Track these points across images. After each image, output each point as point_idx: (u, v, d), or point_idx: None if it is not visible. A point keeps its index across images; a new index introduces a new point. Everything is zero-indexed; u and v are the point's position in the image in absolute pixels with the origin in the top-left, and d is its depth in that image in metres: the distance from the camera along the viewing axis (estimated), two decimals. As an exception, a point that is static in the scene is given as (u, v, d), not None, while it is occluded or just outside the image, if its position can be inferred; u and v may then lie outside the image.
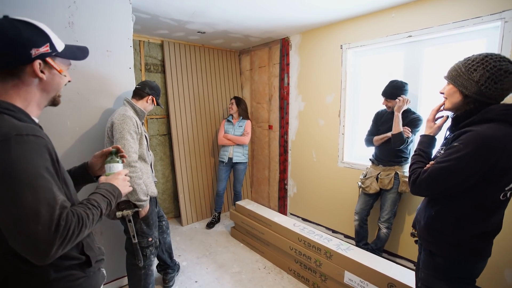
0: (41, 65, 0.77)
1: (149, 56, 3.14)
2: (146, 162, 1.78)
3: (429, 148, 1.24)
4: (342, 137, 2.78)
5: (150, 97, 1.85)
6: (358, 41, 2.55)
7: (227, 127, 3.25)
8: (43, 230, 0.63)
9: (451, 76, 1.12)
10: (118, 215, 1.63)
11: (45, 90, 0.81)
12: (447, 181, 1.04)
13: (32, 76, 0.76)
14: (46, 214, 0.64)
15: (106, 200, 0.86)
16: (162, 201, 3.42)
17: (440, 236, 1.13)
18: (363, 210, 2.38)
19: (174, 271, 2.24)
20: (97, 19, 1.88)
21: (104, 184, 0.92)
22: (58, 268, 0.78)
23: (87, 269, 0.87)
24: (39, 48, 0.75)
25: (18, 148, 0.65)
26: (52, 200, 0.66)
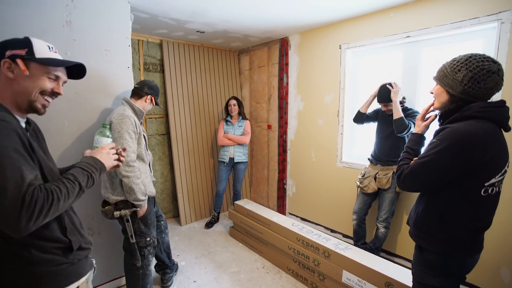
0: (10, 65, 0.84)
1: (148, 55, 3.14)
2: (145, 162, 1.78)
3: (416, 145, 1.28)
4: (340, 137, 2.79)
5: (149, 96, 1.84)
6: (357, 41, 2.55)
7: (226, 127, 3.24)
8: (10, 205, 0.68)
9: (438, 77, 1.16)
10: (116, 214, 1.63)
11: (15, 90, 0.86)
12: (427, 175, 1.08)
13: (4, 76, 0.85)
14: (13, 190, 0.69)
15: (86, 173, 0.90)
16: (161, 200, 3.41)
17: (428, 232, 1.15)
18: (361, 209, 2.39)
19: (172, 271, 2.24)
20: (95, 18, 1.88)
21: (86, 158, 0.96)
22: (41, 250, 0.83)
23: (70, 255, 0.90)
24: (14, 50, 0.84)
25: None
26: (19, 178, 0.71)
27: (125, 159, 1.53)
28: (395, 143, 2.20)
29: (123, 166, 1.55)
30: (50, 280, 0.84)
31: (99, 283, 2.06)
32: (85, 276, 0.96)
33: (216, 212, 3.34)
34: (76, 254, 0.92)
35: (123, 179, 1.56)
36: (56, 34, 1.74)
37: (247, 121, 3.27)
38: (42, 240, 0.83)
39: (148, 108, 1.89)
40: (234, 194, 3.39)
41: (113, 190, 1.65)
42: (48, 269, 0.84)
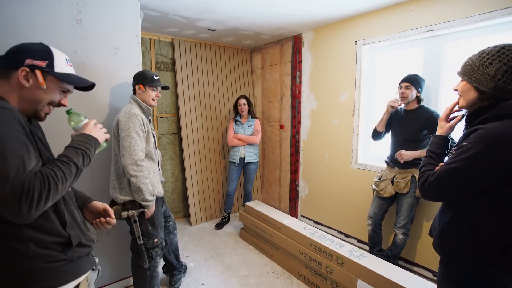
0: (28, 74, 0.83)
1: (159, 54, 3.13)
2: (154, 161, 1.74)
3: (440, 149, 1.14)
4: (356, 137, 2.67)
5: (137, 86, 1.72)
6: (374, 37, 2.42)
7: (236, 127, 3.18)
8: (11, 193, 0.68)
9: (464, 72, 1.03)
10: (124, 215, 1.60)
11: (25, 98, 0.85)
12: (456, 184, 0.96)
13: (17, 81, 0.83)
14: (14, 178, 0.69)
15: (80, 151, 0.87)
16: (172, 200, 3.40)
17: (455, 245, 1.03)
18: (376, 214, 2.26)
19: (180, 272, 2.20)
20: (105, 16, 1.86)
21: (76, 136, 0.94)
22: (38, 244, 0.80)
23: (69, 251, 0.87)
24: (34, 60, 0.84)
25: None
26: (21, 166, 0.71)
27: (133, 158, 1.51)
28: (412, 146, 2.07)
29: (131, 166, 1.51)
30: (43, 277, 0.80)
31: (107, 283, 2.06)
32: (84, 275, 0.92)
33: (226, 213, 3.29)
34: (75, 251, 0.89)
35: (131, 178, 1.53)
36: (66, 32, 1.74)
37: (257, 120, 3.19)
38: (40, 232, 0.81)
39: (149, 98, 1.74)
40: (245, 195, 3.33)
41: (121, 190, 1.62)
42: (43, 265, 0.80)
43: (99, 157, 1.91)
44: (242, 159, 3.15)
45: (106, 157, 1.89)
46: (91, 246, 0.98)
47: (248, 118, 3.19)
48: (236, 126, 3.18)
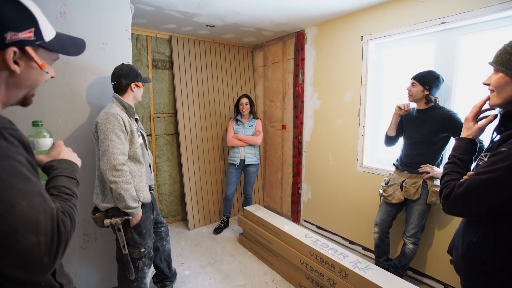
0: (16, 54, 0.59)
1: (156, 52, 3.01)
2: (141, 163, 1.59)
3: (467, 154, 0.97)
4: (361, 139, 2.50)
5: (132, 85, 1.61)
6: (381, 31, 2.26)
7: (236, 127, 3.04)
8: (46, 240, 0.52)
9: (501, 62, 0.85)
10: (106, 223, 1.48)
11: (16, 85, 0.63)
12: (491, 198, 0.79)
13: (1, 66, 0.59)
14: (45, 222, 0.53)
15: (74, 181, 0.74)
16: (169, 203, 3.28)
17: (483, 269, 0.86)
18: (384, 221, 2.10)
19: (172, 282, 2.07)
20: (92, 9, 1.74)
21: (58, 162, 0.75)
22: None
23: None
24: (18, 33, 0.58)
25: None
26: (46, 205, 0.55)
27: (112, 163, 1.39)
28: (426, 149, 1.91)
29: (109, 171, 1.39)
30: None
31: (95, 293, 1.94)
32: None
33: (225, 217, 3.16)
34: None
35: (111, 184, 1.40)
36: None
37: (258, 120, 3.06)
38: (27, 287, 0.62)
39: (140, 95, 1.67)
40: (245, 198, 3.19)
41: (103, 196, 1.50)
42: None
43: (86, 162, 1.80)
44: (242, 160, 3.01)
45: (91, 161, 1.77)
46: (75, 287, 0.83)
47: (250, 118, 3.05)
48: (236, 126, 3.04)
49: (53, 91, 1.67)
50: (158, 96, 3.08)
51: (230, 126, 3.07)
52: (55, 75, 0.73)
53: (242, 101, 2.99)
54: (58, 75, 1.67)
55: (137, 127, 1.68)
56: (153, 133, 3.08)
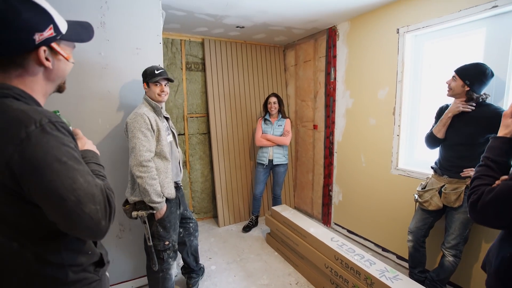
0: (45, 52, 0.67)
1: (190, 54, 3.15)
2: (167, 160, 1.68)
3: (503, 156, 0.85)
4: (397, 139, 2.33)
5: (143, 85, 1.71)
6: (419, 22, 2.08)
7: (264, 127, 3.01)
8: (101, 208, 0.64)
9: None
10: (134, 215, 1.59)
11: (51, 79, 0.73)
12: None
13: (37, 65, 0.68)
14: (98, 194, 0.65)
15: (101, 167, 0.84)
16: (201, 200, 3.41)
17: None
18: (419, 229, 1.92)
19: (198, 275, 2.15)
20: (127, 17, 1.89)
21: (87, 152, 0.86)
22: (77, 268, 0.74)
23: (100, 270, 0.83)
24: (43, 32, 0.65)
25: (55, 136, 0.62)
26: (95, 180, 0.67)
27: (138, 159, 1.49)
28: (469, 152, 1.70)
29: (136, 167, 1.49)
30: None
31: (129, 279, 2.10)
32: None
33: (254, 216, 3.18)
34: (103, 270, 0.85)
35: (137, 179, 1.51)
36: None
37: (287, 119, 3.01)
38: (79, 254, 0.75)
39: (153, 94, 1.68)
40: (274, 198, 3.17)
41: (132, 190, 1.62)
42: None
43: (122, 158, 1.96)
44: (270, 160, 2.99)
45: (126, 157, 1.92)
46: (109, 262, 0.94)
47: (278, 117, 3.01)
48: (265, 125, 3.02)
49: (93, 93, 1.85)
50: (191, 97, 3.22)
51: (259, 125, 3.06)
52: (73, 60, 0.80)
53: (270, 100, 2.97)
54: (98, 78, 1.85)
55: (166, 125, 1.78)
56: (187, 133, 3.23)
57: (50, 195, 0.59)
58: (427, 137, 1.91)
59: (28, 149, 0.58)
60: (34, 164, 0.58)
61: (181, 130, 3.20)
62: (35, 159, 0.58)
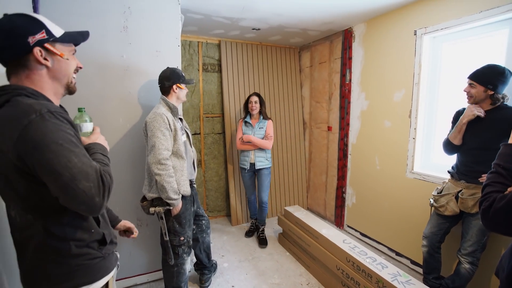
0: (42, 52, 0.79)
1: (206, 56, 3.23)
2: (183, 158, 1.74)
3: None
4: (412, 142, 2.29)
5: (174, 86, 1.75)
6: (437, 24, 2.04)
7: (245, 129, 2.80)
8: (94, 186, 0.73)
9: None
10: (151, 211, 1.66)
11: (56, 77, 0.84)
12: None
13: (38, 64, 0.79)
14: (92, 173, 0.73)
15: (106, 158, 0.91)
16: (215, 198, 3.48)
17: None
18: (434, 234, 1.89)
19: (210, 272, 2.21)
20: (148, 21, 1.98)
21: (95, 144, 0.94)
22: (80, 243, 0.85)
23: (103, 249, 0.92)
24: (35, 35, 0.77)
25: (53, 122, 0.72)
26: (90, 162, 0.75)
27: (157, 157, 1.56)
28: (488, 157, 1.63)
29: (155, 164, 1.56)
30: (84, 273, 0.86)
31: (144, 272, 2.19)
32: (113, 270, 0.97)
33: (253, 219, 3.05)
34: (107, 248, 0.94)
35: (155, 177, 1.58)
36: (114, 39, 1.90)
37: (269, 121, 2.77)
38: (82, 231, 0.85)
39: (183, 95, 1.81)
40: (260, 207, 2.87)
41: (150, 187, 1.69)
42: (82, 262, 0.85)
43: (140, 155, 2.05)
44: (252, 164, 2.79)
45: (143, 156, 2.01)
46: (116, 243, 1.03)
47: (259, 119, 2.78)
48: (245, 127, 2.80)
49: (115, 94, 1.94)
50: (207, 97, 3.30)
51: (239, 127, 2.85)
52: (82, 66, 0.93)
53: (251, 99, 2.73)
54: (119, 79, 1.94)
55: (181, 125, 1.85)
56: (202, 132, 3.31)
57: (48, 170, 0.70)
58: (444, 144, 1.88)
59: (29, 133, 0.69)
60: (34, 144, 0.69)
61: (196, 130, 3.28)
62: (35, 141, 0.69)
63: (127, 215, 2.07)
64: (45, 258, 0.81)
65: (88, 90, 1.85)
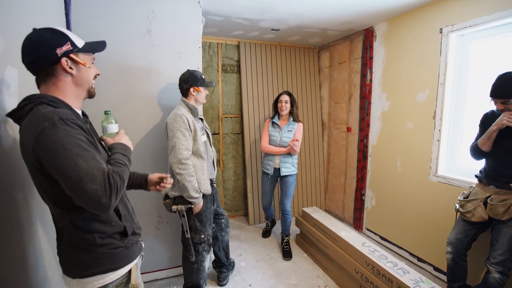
0: (68, 62, 0.88)
1: (226, 57, 3.27)
2: (203, 158, 1.78)
3: None
4: (437, 144, 2.21)
5: (191, 89, 1.79)
6: (466, 21, 1.96)
7: (271, 130, 2.59)
8: (101, 188, 0.77)
9: None
10: (174, 209, 1.71)
11: (79, 84, 0.93)
12: None
13: (64, 72, 0.88)
14: (99, 176, 0.77)
15: (126, 158, 0.96)
16: (233, 198, 3.52)
17: None
18: (459, 241, 1.81)
19: (228, 270, 2.24)
20: (170, 24, 2.03)
21: (117, 144, 1.00)
22: (103, 234, 0.92)
23: (125, 240, 0.99)
24: (62, 47, 0.86)
25: (63, 129, 0.78)
26: (99, 164, 0.80)
27: (177, 157, 1.61)
28: None
29: (176, 164, 1.61)
30: (108, 260, 0.94)
31: (165, 267, 2.26)
32: (136, 259, 1.04)
33: (269, 221, 3.04)
34: (130, 239, 1.00)
35: (176, 176, 1.62)
36: (138, 42, 1.97)
37: (299, 124, 2.58)
38: (104, 224, 0.93)
39: (202, 98, 1.84)
40: (282, 215, 2.67)
41: (172, 185, 1.74)
42: (107, 251, 0.93)
43: (163, 154, 2.11)
44: (276, 169, 2.60)
45: (166, 155, 2.07)
46: (140, 234, 1.10)
47: (289, 120, 2.59)
48: (272, 129, 2.59)
49: (139, 95, 2.01)
50: (226, 98, 3.34)
51: (265, 128, 2.64)
52: (99, 73, 1.02)
53: (282, 98, 2.53)
54: (143, 81, 2.01)
55: (201, 126, 1.89)
56: (221, 132, 3.36)
57: (58, 173, 0.77)
58: (471, 149, 1.79)
59: (41, 139, 0.76)
60: (45, 150, 0.76)
61: (215, 130, 3.33)
62: (46, 146, 0.76)
63: (149, 212, 2.14)
64: (75, 246, 0.90)
65: (113, 92, 1.93)
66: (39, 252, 1.20)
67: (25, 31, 0.87)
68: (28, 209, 1.15)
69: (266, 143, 2.60)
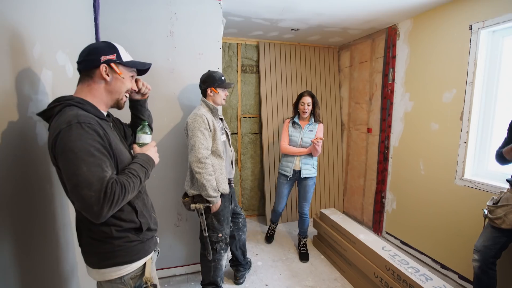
0: (106, 69, 0.95)
1: (245, 57, 3.30)
2: (221, 158, 1.81)
3: None
4: (463, 147, 2.12)
5: (208, 90, 1.82)
6: (498, 16, 1.86)
7: (292, 131, 2.50)
8: (95, 196, 0.79)
9: None
10: (192, 207, 1.75)
11: (109, 91, 0.99)
12: None
13: (100, 77, 0.95)
14: (97, 184, 0.79)
15: (143, 169, 0.99)
16: (250, 197, 3.54)
17: None
18: (487, 249, 1.72)
19: (245, 269, 2.25)
20: (192, 25, 2.08)
21: (141, 155, 1.04)
22: (119, 228, 0.96)
23: (141, 234, 1.03)
24: (107, 56, 0.96)
25: (76, 133, 0.81)
26: (101, 173, 0.82)
27: (197, 156, 1.64)
28: None
29: (195, 163, 1.64)
30: (124, 253, 0.98)
31: (183, 264, 2.31)
32: (150, 254, 1.08)
33: (274, 225, 2.91)
34: (145, 234, 1.05)
35: (196, 175, 1.66)
36: (161, 43, 2.03)
37: (320, 124, 2.49)
38: (119, 220, 0.97)
39: (220, 99, 1.85)
40: (300, 217, 2.61)
41: (191, 184, 1.78)
42: (123, 244, 0.98)
43: (183, 153, 2.16)
44: (296, 172, 2.51)
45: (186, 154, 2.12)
46: (156, 229, 1.14)
47: (310, 121, 2.50)
48: (292, 129, 2.51)
49: (161, 95, 2.07)
50: (245, 98, 3.36)
51: (285, 128, 2.55)
52: (136, 89, 1.12)
53: (304, 100, 2.42)
54: (165, 82, 2.07)
55: (221, 126, 1.92)
56: (239, 132, 3.39)
57: (63, 174, 0.81)
58: (497, 155, 1.72)
59: (57, 140, 0.80)
60: (58, 150, 0.81)
61: (234, 130, 3.37)
62: (59, 147, 0.80)
63: (169, 209, 2.20)
64: (94, 238, 0.95)
65: (137, 92, 2.00)
66: (70, 240, 1.28)
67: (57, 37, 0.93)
68: (59, 201, 1.22)
69: (286, 144, 2.51)
